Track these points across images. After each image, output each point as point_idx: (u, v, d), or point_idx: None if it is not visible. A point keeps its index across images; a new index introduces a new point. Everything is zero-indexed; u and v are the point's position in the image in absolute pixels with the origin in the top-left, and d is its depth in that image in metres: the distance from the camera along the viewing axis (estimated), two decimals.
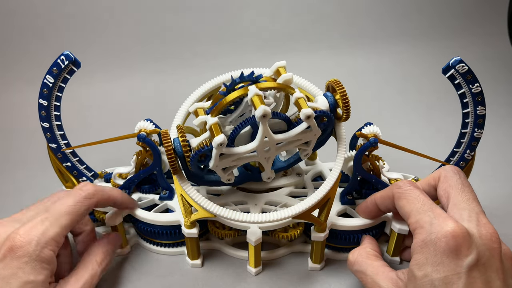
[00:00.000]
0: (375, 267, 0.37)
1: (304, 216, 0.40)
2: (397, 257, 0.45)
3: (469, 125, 0.42)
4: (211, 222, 0.45)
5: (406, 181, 0.37)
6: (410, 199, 0.35)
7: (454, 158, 0.44)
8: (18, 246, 0.34)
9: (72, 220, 0.37)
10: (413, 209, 0.35)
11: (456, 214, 0.34)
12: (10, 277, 0.33)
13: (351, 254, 0.40)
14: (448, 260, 0.31)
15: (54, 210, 0.37)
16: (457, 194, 0.35)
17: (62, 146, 0.44)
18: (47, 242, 0.35)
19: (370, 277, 0.37)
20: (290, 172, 0.48)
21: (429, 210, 0.34)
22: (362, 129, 0.44)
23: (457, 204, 0.34)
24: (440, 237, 0.31)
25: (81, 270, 0.39)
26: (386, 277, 0.35)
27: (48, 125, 0.43)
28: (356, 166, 0.44)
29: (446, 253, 0.31)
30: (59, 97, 0.42)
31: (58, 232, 0.36)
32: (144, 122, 0.45)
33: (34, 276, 0.34)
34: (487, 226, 0.33)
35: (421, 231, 0.33)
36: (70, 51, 0.41)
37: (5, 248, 0.34)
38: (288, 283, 0.43)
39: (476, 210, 0.34)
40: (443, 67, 0.40)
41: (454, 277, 0.30)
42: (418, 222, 0.34)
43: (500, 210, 0.52)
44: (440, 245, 0.31)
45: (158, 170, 0.46)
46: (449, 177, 0.36)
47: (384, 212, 0.41)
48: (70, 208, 0.37)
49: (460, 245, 0.31)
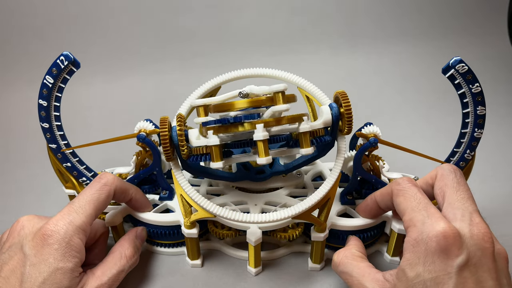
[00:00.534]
0: (361, 268, 0.37)
1: (304, 216, 0.40)
2: (397, 257, 0.45)
3: (469, 125, 0.42)
4: (211, 222, 0.45)
5: (406, 178, 0.37)
6: (407, 196, 0.35)
7: (454, 158, 0.44)
8: (48, 234, 0.35)
9: (95, 208, 0.38)
10: (408, 207, 0.35)
11: (450, 213, 0.34)
12: (41, 263, 0.35)
13: (336, 255, 0.40)
14: (438, 260, 0.31)
15: (77, 201, 0.38)
16: (452, 193, 0.35)
17: (62, 147, 0.44)
18: (74, 230, 0.36)
19: (356, 279, 0.36)
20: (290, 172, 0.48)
21: (424, 209, 0.34)
22: (362, 129, 0.44)
23: (451, 203, 0.34)
24: (431, 236, 0.31)
25: (108, 264, 0.40)
26: (373, 279, 0.35)
27: (48, 126, 0.43)
28: (356, 166, 0.44)
29: (437, 253, 0.31)
30: (58, 97, 0.42)
31: (84, 220, 0.37)
32: (144, 122, 0.45)
33: (64, 263, 0.35)
34: (480, 226, 0.32)
35: (413, 230, 0.33)
36: (70, 51, 0.41)
37: (38, 237, 0.36)
38: (288, 283, 0.43)
39: (470, 209, 0.34)
40: (443, 67, 0.40)
41: (445, 277, 0.30)
42: (411, 220, 0.34)
43: (500, 210, 0.52)
44: (431, 245, 0.31)
45: (158, 170, 0.46)
46: (445, 175, 0.36)
47: (384, 210, 0.41)
48: (92, 196, 0.39)
49: (450, 245, 0.31)
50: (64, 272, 0.35)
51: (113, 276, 0.39)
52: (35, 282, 0.34)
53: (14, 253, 0.36)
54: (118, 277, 0.39)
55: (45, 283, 0.34)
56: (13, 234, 0.37)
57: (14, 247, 0.36)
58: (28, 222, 0.38)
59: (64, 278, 0.35)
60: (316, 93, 0.43)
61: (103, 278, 0.38)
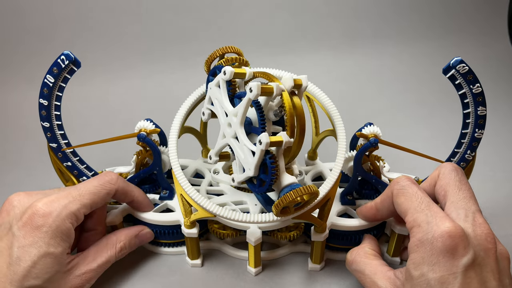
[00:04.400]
0: (373, 266, 0.37)
1: (304, 216, 0.40)
2: (397, 258, 0.45)
3: (469, 126, 0.42)
4: (211, 222, 0.45)
5: (404, 176, 0.37)
6: (408, 196, 0.35)
7: (455, 159, 0.44)
8: (39, 215, 0.35)
9: (93, 200, 0.39)
10: (411, 207, 0.34)
11: (453, 212, 0.33)
12: (30, 245, 0.34)
13: (349, 254, 0.40)
14: (444, 260, 0.31)
15: (78, 188, 0.39)
16: (454, 192, 0.35)
17: (63, 146, 0.44)
18: (67, 215, 0.36)
19: (368, 277, 0.37)
20: (290, 173, 0.48)
21: (427, 208, 0.34)
22: (362, 129, 0.44)
23: (454, 202, 0.34)
24: (437, 236, 0.31)
25: (101, 250, 0.40)
26: (384, 276, 0.35)
27: (49, 125, 0.43)
28: (356, 166, 0.44)
29: (443, 253, 0.31)
30: (59, 96, 0.42)
31: (79, 207, 0.37)
32: (144, 122, 0.45)
33: (54, 247, 0.35)
34: (483, 226, 0.32)
35: (418, 230, 0.33)
36: (71, 51, 0.41)
37: (26, 216, 0.35)
38: (288, 283, 0.43)
39: (472, 209, 0.34)
40: (443, 68, 0.40)
41: (450, 277, 0.30)
42: (415, 220, 0.33)
43: (500, 210, 0.52)
44: (437, 245, 0.31)
45: (158, 170, 0.46)
46: (446, 174, 0.36)
47: (385, 217, 0.41)
48: (94, 188, 0.39)
49: (456, 245, 0.31)
50: (53, 257, 0.35)
51: (102, 264, 0.40)
52: (23, 265, 0.34)
53: (3, 233, 0.35)
54: (105, 266, 0.40)
55: (34, 267, 0.34)
56: (2, 214, 0.37)
57: (3, 227, 0.36)
58: (18, 201, 0.37)
59: (53, 262, 0.35)
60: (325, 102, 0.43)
61: (93, 264, 0.39)
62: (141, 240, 0.44)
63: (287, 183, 0.37)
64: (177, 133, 0.44)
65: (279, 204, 0.35)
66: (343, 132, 0.42)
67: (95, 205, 0.39)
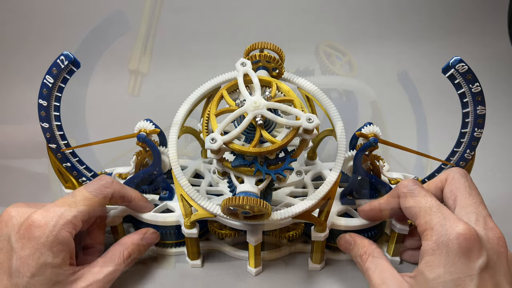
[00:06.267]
0: (384, 266, 0.37)
1: (304, 216, 0.40)
2: (397, 257, 0.45)
3: (469, 125, 0.42)
4: (211, 222, 0.45)
5: (410, 180, 0.37)
6: (418, 199, 0.35)
7: (454, 158, 0.44)
8: (36, 225, 0.35)
9: (89, 206, 0.38)
10: (422, 209, 0.34)
11: (464, 216, 0.34)
12: (28, 257, 0.34)
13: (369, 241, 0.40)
14: (460, 262, 0.31)
15: (74, 194, 0.38)
16: (464, 197, 0.35)
17: (62, 147, 0.44)
18: (64, 224, 0.36)
19: (378, 275, 0.36)
20: (290, 172, 0.48)
21: (438, 211, 0.34)
22: (362, 129, 0.44)
23: (464, 207, 0.34)
24: (452, 238, 0.31)
25: (107, 260, 0.40)
26: (394, 279, 0.35)
27: (48, 125, 0.43)
28: (356, 166, 0.44)
29: (459, 254, 0.31)
30: (58, 97, 0.42)
31: (75, 215, 0.37)
32: (144, 122, 0.45)
33: (52, 258, 0.35)
34: (495, 230, 0.33)
35: (431, 233, 0.33)
36: (70, 51, 0.41)
37: (23, 228, 0.35)
38: (288, 283, 0.43)
39: (483, 214, 0.34)
40: (443, 67, 0.40)
41: (467, 279, 0.30)
42: (428, 223, 0.33)
43: (500, 210, 0.52)
44: (453, 247, 0.31)
45: (158, 170, 0.46)
46: (456, 179, 0.36)
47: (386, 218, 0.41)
48: (89, 194, 0.39)
49: (472, 247, 0.31)
50: (52, 267, 0.35)
51: (109, 273, 0.39)
52: (23, 277, 0.34)
53: (2, 245, 0.35)
54: (113, 276, 0.39)
55: (34, 277, 0.34)
56: (1, 225, 0.36)
57: (2, 239, 0.36)
58: (17, 212, 0.37)
59: (53, 273, 0.35)
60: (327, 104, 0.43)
61: (99, 275, 0.38)
62: (148, 243, 0.44)
63: (244, 190, 0.37)
64: (177, 134, 0.44)
65: (227, 202, 0.35)
66: (343, 131, 0.42)
67: (92, 211, 0.38)
